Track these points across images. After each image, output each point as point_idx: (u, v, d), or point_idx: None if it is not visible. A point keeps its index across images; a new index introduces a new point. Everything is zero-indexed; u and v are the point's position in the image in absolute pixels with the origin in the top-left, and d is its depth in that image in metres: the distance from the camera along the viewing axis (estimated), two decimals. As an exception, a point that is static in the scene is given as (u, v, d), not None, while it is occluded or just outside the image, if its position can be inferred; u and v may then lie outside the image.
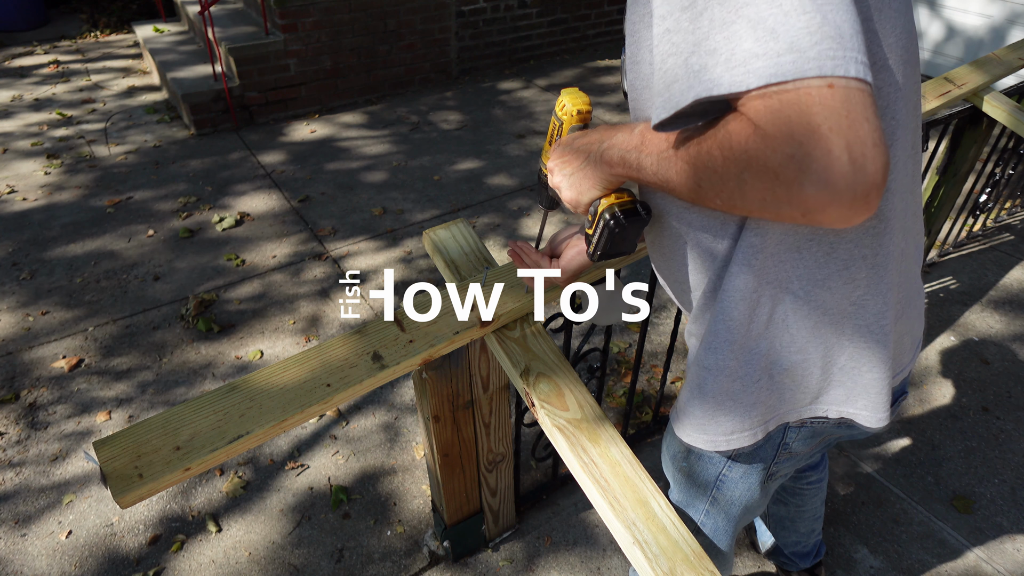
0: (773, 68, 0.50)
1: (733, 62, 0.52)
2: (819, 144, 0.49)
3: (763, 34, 0.51)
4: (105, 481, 0.83)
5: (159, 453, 0.87)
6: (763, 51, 0.50)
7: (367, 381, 0.98)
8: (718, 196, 0.59)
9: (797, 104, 0.49)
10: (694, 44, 0.55)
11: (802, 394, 0.84)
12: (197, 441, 0.89)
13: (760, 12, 0.51)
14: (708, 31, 0.54)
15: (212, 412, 0.93)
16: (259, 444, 0.93)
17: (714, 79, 0.53)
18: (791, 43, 0.50)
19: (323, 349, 1.03)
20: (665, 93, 0.58)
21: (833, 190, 0.50)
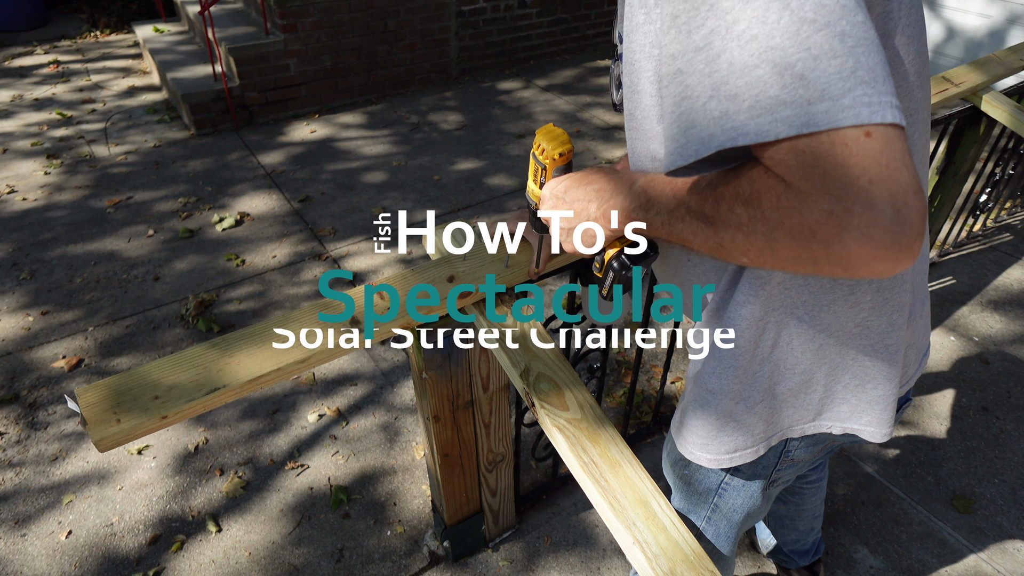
0: (804, 117, 0.46)
1: (758, 109, 0.48)
2: (860, 197, 0.45)
3: (791, 80, 0.46)
4: (84, 424, 0.87)
5: (138, 401, 0.90)
6: (792, 99, 0.46)
7: (344, 347, 1.01)
8: (744, 255, 0.56)
9: (832, 156, 0.46)
10: (712, 88, 0.51)
11: (805, 411, 0.84)
12: (175, 392, 0.92)
13: (787, 56, 0.46)
14: (727, 75, 0.49)
15: (192, 366, 0.96)
16: (236, 399, 0.96)
17: (737, 127, 0.49)
18: (823, 90, 0.46)
19: (304, 311, 1.06)
20: (681, 139, 0.55)
21: (878, 244, 0.46)
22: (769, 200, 0.51)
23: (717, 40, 0.50)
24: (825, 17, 0.46)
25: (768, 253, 0.54)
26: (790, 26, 0.46)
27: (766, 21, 0.47)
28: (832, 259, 0.49)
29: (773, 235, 0.52)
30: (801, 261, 0.52)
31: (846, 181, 0.46)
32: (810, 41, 0.46)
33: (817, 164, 0.47)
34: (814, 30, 0.46)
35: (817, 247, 0.49)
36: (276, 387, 2.27)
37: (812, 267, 0.52)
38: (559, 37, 5.11)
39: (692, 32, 0.52)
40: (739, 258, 0.58)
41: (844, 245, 0.47)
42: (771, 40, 0.47)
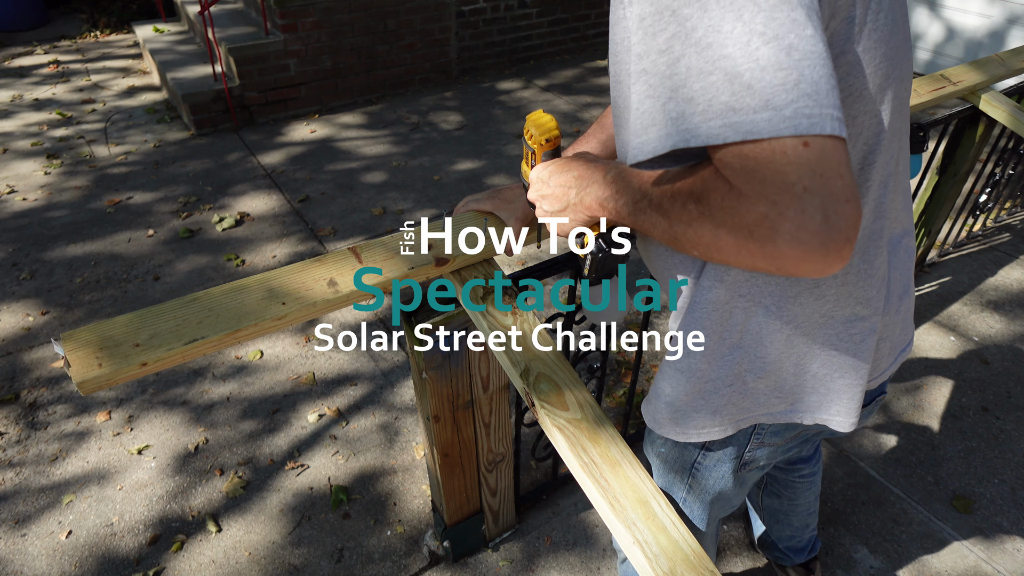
0: (749, 125, 0.49)
1: (710, 114, 0.51)
2: (793, 203, 0.49)
3: (739, 88, 0.50)
4: (68, 367, 0.91)
5: (120, 348, 0.94)
6: (740, 106, 0.50)
7: (320, 303, 1.04)
8: (695, 248, 0.60)
9: (771, 163, 0.49)
10: (671, 90, 0.54)
11: (776, 399, 0.87)
12: (156, 340, 0.95)
13: (737, 65, 0.49)
14: (685, 78, 0.53)
15: (173, 318, 0.99)
16: (215, 351, 1.00)
17: (691, 129, 0.53)
18: (767, 100, 0.49)
19: (283, 272, 1.09)
20: (643, 135, 0.58)
21: (806, 247, 0.50)
22: (715, 199, 0.55)
23: (677, 45, 0.53)
24: (774, 30, 0.49)
25: (714, 248, 0.57)
26: (741, 37, 0.49)
27: (720, 30, 0.50)
28: (766, 257, 0.53)
29: (717, 231, 0.55)
30: (741, 257, 0.55)
31: (782, 187, 0.49)
32: (758, 53, 0.49)
33: (757, 169, 0.50)
34: (763, 42, 0.49)
35: (753, 245, 0.53)
36: (276, 387, 2.27)
37: (750, 263, 0.55)
38: (559, 37, 5.11)
39: (656, 35, 0.54)
40: (691, 251, 0.61)
41: (776, 246, 0.51)
42: (724, 49, 0.50)
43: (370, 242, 1.17)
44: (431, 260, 1.14)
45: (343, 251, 1.15)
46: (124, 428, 2.13)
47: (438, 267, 1.14)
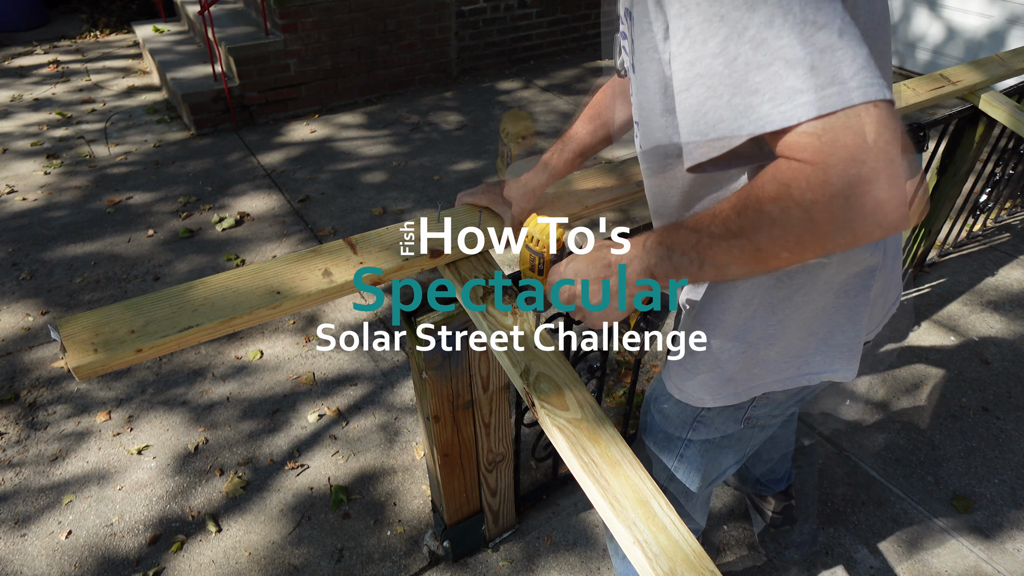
0: (821, 100, 0.54)
1: (779, 99, 0.55)
2: (880, 156, 0.53)
3: (803, 71, 0.54)
4: (64, 352, 0.92)
5: (115, 334, 0.95)
6: (806, 86, 0.54)
7: (314, 293, 1.05)
8: (784, 248, 0.60)
9: (849, 128, 0.53)
10: (733, 86, 0.58)
11: (785, 365, 0.93)
12: (151, 327, 0.96)
13: (795, 52, 0.54)
14: (745, 74, 0.57)
15: (168, 305, 1.00)
16: (209, 338, 1.00)
17: (763, 116, 0.56)
18: (833, 76, 0.54)
19: (279, 262, 1.10)
20: (711, 133, 0.61)
21: (900, 191, 0.54)
22: (798, 184, 0.56)
23: (732, 45, 0.57)
24: (823, 19, 0.54)
25: (808, 236, 0.58)
26: (794, 28, 0.54)
27: (772, 25, 0.55)
28: (867, 216, 0.55)
29: (809, 215, 0.56)
30: (840, 232, 0.57)
31: (864, 146, 0.53)
32: (814, 38, 0.54)
33: (838, 137, 0.53)
34: (815, 29, 0.54)
35: (852, 211, 0.55)
36: (276, 387, 2.27)
37: (850, 235, 0.57)
38: (559, 37, 5.11)
39: (707, 41, 0.58)
40: (779, 254, 0.61)
41: (876, 198, 0.54)
42: (779, 40, 0.55)
43: (365, 234, 1.17)
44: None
45: (338, 242, 1.15)
46: (124, 428, 2.13)
47: (433, 259, 1.15)
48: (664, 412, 1.09)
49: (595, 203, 1.33)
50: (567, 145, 1.23)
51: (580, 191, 1.36)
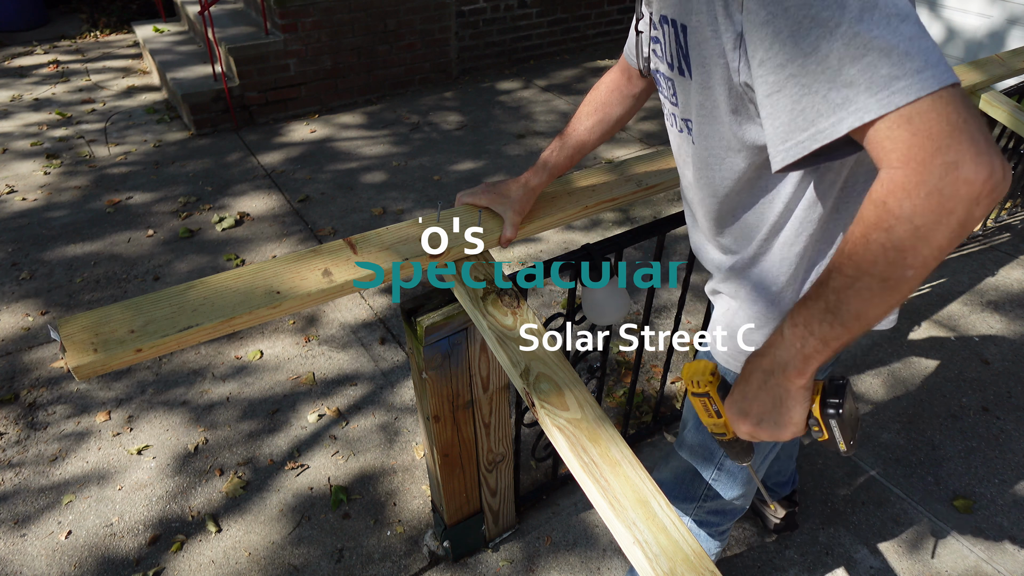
0: (919, 83, 0.57)
1: (875, 87, 0.58)
2: (964, 137, 0.56)
3: (897, 59, 0.57)
4: (63, 352, 0.92)
5: (115, 334, 0.95)
6: (902, 72, 0.57)
7: (314, 293, 1.05)
8: (907, 267, 0.61)
9: (936, 112, 0.56)
10: (829, 81, 0.61)
11: None
12: (151, 327, 0.96)
13: (888, 42, 0.58)
14: (839, 68, 0.60)
15: (168, 305, 1.00)
16: (209, 338, 1.00)
17: (861, 106, 0.59)
18: (926, 61, 0.57)
19: (279, 262, 1.10)
20: (812, 127, 0.63)
21: (990, 166, 0.56)
22: (895, 197, 0.59)
23: (824, 44, 0.60)
24: (905, 11, 0.59)
25: (921, 245, 0.59)
26: (882, 20, 0.58)
27: (862, 20, 0.58)
28: (963, 199, 0.57)
29: (913, 224, 0.59)
30: (947, 226, 0.58)
31: (951, 130, 0.56)
32: (902, 28, 0.58)
33: (929, 124, 0.56)
34: (900, 21, 0.58)
35: (951, 201, 0.57)
36: (276, 387, 2.27)
37: (958, 226, 0.58)
38: (559, 37, 5.11)
39: (798, 42, 0.62)
40: (904, 275, 0.61)
41: (967, 178, 0.56)
42: (871, 32, 0.58)
43: (365, 234, 1.17)
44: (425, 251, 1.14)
45: (338, 242, 1.15)
46: (124, 428, 2.13)
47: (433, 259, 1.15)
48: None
49: (595, 203, 1.33)
50: (566, 142, 1.23)
51: (580, 191, 1.36)
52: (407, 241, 1.16)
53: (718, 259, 1.01)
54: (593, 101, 1.22)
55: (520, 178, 1.24)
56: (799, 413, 0.78)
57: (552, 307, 2.62)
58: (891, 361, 2.35)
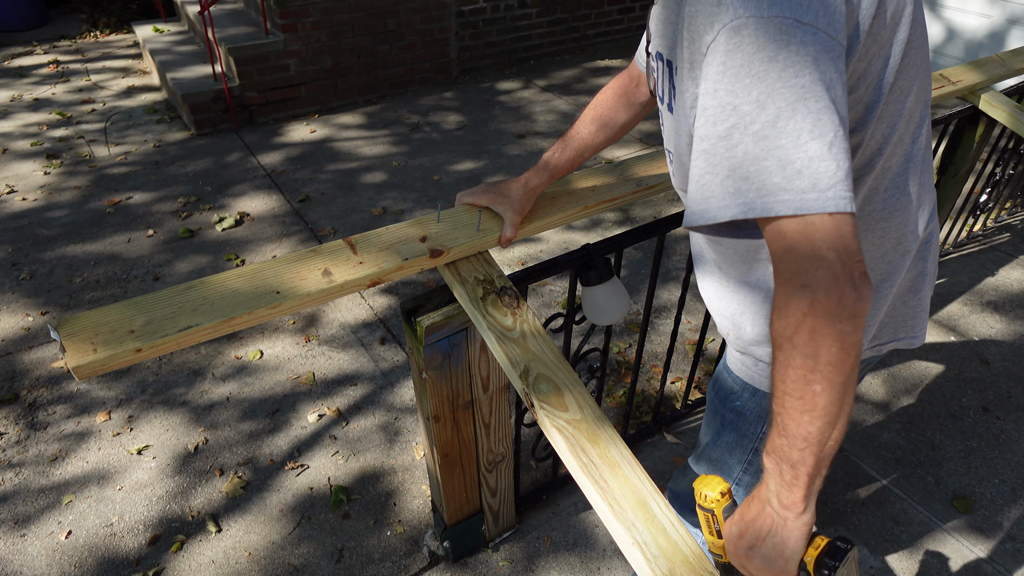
0: (798, 202, 0.62)
1: (763, 192, 0.63)
2: (822, 264, 0.62)
3: (791, 173, 0.62)
4: (63, 352, 0.92)
5: (115, 334, 0.95)
6: (790, 187, 0.62)
7: (314, 293, 1.05)
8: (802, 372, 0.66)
9: (813, 230, 0.63)
10: (729, 169, 0.65)
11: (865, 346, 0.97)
12: (151, 327, 0.96)
13: (789, 155, 0.62)
14: (742, 161, 0.64)
15: (168, 305, 1.00)
16: (209, 338, 1.00)
17: (747, 203, 0.65)
18: (814, 183, 0.62)
19: (278, 262, 1.10)
20: (704, 204, 0.69)
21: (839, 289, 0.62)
22: (775, 317, 0.66)
23: (736, 134, 0.64)
24: (820, 130, 0.62)
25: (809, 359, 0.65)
26: (792, 133, 0.62)
27: (775, 126, 0.62)
28: (827, 317, 0.63)
29: (792, 341, 0.65)
30: (817, 342, 0.64)
31: (812, 254, 0.62)
32: (807, 146, 0.62)
33: (796, 243, 0.63)
34: (811, 138, 0.62)
35: (812, 319, 0.63)
36: (276, 387, 2.27)
37: (831, 340, 0.64)
38: (559, 37, 5.11)
39: (718, 124, 0.66)
40: (814, 387, 0.66)
41: (822, 301, 0.63)
42: (778, 140, 0.62)
43: (365, 234, 1.17)
44: (426, 252, 1.15)
45: (338, 242, 1.15)
46: (124, 428, 2.13)
47: (432, 259, 1.15)
48: (738, 409, 1.08)
49: (595, 203, 1.33)
50: (568, 145, 1.23)
51: (580, 191, 1.36)
52: (407, 241, 1.16)
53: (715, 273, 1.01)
54: (598, 105, 1.22)
55: (521, 178, 1.24)
56: (792, 548, 0.74)
57: (552, 307, 2.62)
58: (891, 361, 2.35)
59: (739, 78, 0.64)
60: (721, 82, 0.65)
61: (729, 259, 0.96)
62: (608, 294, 1.31)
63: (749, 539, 0.77)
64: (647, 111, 1.23)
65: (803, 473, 0.70)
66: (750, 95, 0.63)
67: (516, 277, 1.24)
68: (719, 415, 1.14)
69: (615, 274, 1.35)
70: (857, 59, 0.71)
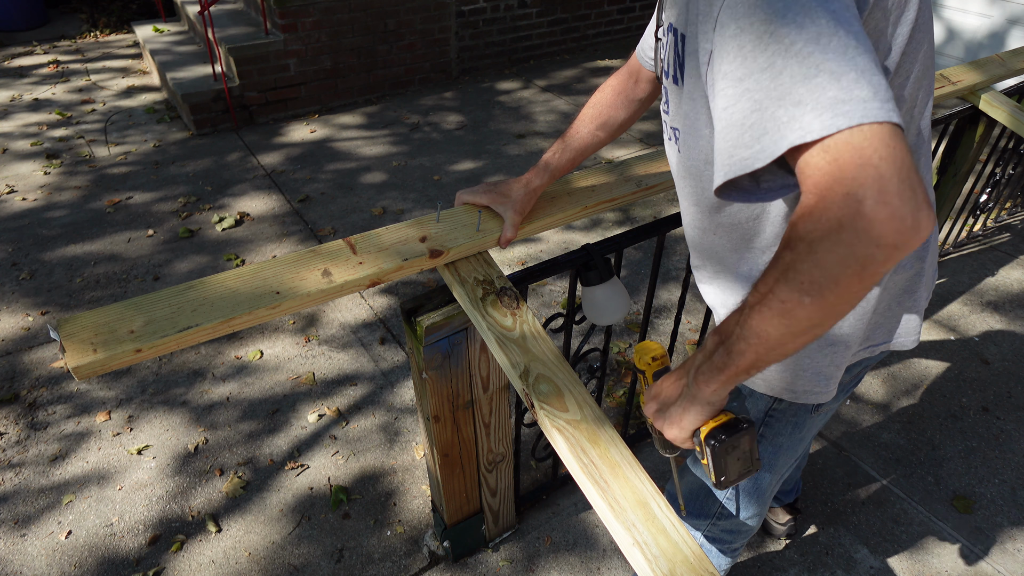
0: (862, 110, 0.56)
1: (820, 108, 0.58)
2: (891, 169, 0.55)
3: (848, 83, 0.57)
4: (63, 352, 0.92)
5: (115, 334, 0.95)
6: (849, 97, 0.57)
7: (314, 293, 1.05)
8: (802, 291, 0.61)
9: (865, 147, 0.56)
10: (779, 99, 0.61)
11: (853, 342, 0.96)
12: (150, 327, 0.96)
13: (840, 67, 0.58)
14: (791, 87, 0.60)
15: (168, 305, 1.00)
16: (209, 338, 1.00)
17: (804, 127, 0.58)
18: (874, 92, 0.57)
19: (278, 262, 1.10)
20: (756, 145, 0.63)
21: (889, 206, 0.55)
22: (802, 219, 0.59)
23: (779, 60, 0.61)
24: (863, 45, 0.60)
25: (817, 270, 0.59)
26: (838, 48, 0.59)
27: (819, 43, 0.59)
28: (862, 236, 0.56)
29: (812, 248, 0.58)
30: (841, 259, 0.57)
31: (876, 171, 0.55)
32: (857, 59, 0.58)
33: (856, 154, 0.56)
34: (857, 53, 0.59)
35: (849, 234, 0.56)
36: (276, 387, 2.27)
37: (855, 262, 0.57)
38: (559, 37, 5.11)
39: (757, 57, 0.62)
40: (802, 299, 0.61)
41: (867, 215, 0.55)
42: (825, 54, 0.59)
43: (365, 234, 1.17)
44: (425, 252, 1.14)
45: (337, 242, 1.15)
46: (124, 428, 2.13)
47: (432, 259, 1.15)
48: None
49: (595, 203, 1.33)
50: (568, 144, 1.23)
51: (580, 191, 1.36)
52: (407, 241, 1.16)
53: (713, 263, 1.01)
54: (597, 104, 1.22)
55: (521, 178, 1.24)
56: (689, 421, 0.81)
57: (552, 307, 2.62)
58: (891, 361, 2.35)
59: (771, 4, 0.61)
60: (753, 15, 0.62)
61: (727, 246, 0.96)
62: (608, 294, 1.31)
63: (660, 402, 0.85)
64: (645, 108, 1.23)
65: (733, 365, 0.71)
66: (785, 18, 0.60)
67: (516, 277, 1.24)
68: None
69: (615, 274, 1.35)
70: (863, 22, 0.70)
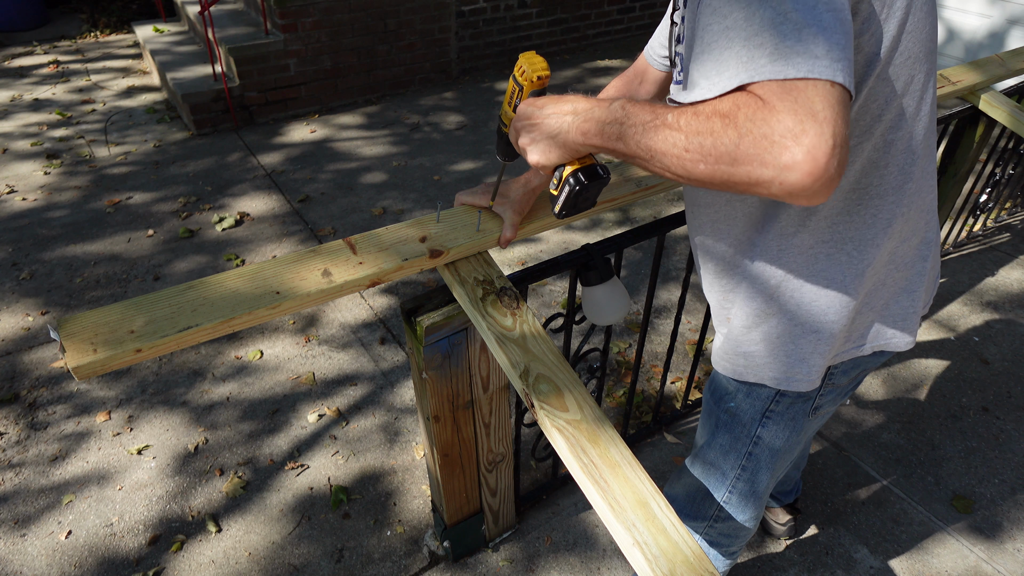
0: (810, 64, 0.61)
1: (776, 55, 0.62)
2: (815, 126, 0.59)
3: (808, 36, 0.62)
4: (63, 352, 0.92)
5: (115, 334, 0.95)
6: (805, 51, 0.61)
7: (314, 293, 1.05)
8: (702, 161, 0.66)
9: (808, 93, 0.60)
10: (745, 39, 0.65)
11: (847, 339, 0.97)
12: (150, 327, 0.96)
13: (806, 19, 0.62)
14: (759, 28, 0.64)
15: (168, 305, 1.00)
16: (209, 338, 1.01)
17: (759, 69, 0.63)
18: (828, 51, 0.61)
19: (278, 262, 1.10)
20: (715, 77, 0.67)
21: (815, 164, 0.59)
22: (745, 112, 0.62)
23: (755, 3, 0.64)
24: (834, 5, 0.63)
25: (727, 158, 0.64)
26: (809, 2, 0.62)
27: None
28: (779, 168, 0.60)
29: (740, 141, 0.62)
30: (751, 167, 0.62)
31: (811, 112, 0.59)
32: (823, 16, 0.62)
33: (799, 96, 0.60)
34: (826, 10, 0.62)
35: (771, 155, 0.60)
36: (276, 387, 2.27)
37: (754, 174, 0.62)
38: (559, 37, 5.11)
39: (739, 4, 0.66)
40: (697, 165, 0.66)
41: (793, 156, 0.59)
42: (796, 4, 0.62)
43: (365, 234, 1.17)
44: (425, 252, 1.14)
45: (337, 242, 1.15)
46: (124, 428, 2.13)
47: (432, 259, 1.15)
48: (732, 411, 1.09)
49: (595, 203, 1.33)
50: None
51: (580, 191, 1.36)
52: (407, 241, 1.16)
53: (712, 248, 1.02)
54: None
55: (520, 178, 1.24)
56: (557, 156, 0.86)
57: (552, 307, 2.62)
58: (891, 361, 2.35)
59: None
60: None
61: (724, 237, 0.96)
62: (608, 294, 1.31)
63: (534, 125, 0.87)
64: None
65: (613, 146, 0.75)
66: None
67: (516, 277, 1.24)
68: (714, 416, 1.15)
69: (615, 274, 1.35)
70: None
